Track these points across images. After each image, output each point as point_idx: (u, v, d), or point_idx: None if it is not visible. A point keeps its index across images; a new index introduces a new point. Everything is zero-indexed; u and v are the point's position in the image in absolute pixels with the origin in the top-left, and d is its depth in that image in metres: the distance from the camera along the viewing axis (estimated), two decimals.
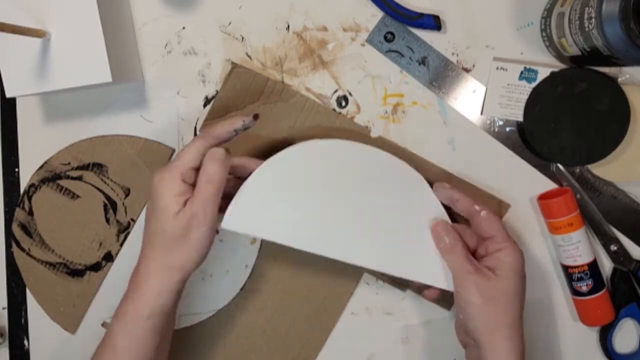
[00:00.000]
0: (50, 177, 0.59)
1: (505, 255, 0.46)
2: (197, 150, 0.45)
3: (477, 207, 0.48)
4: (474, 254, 0.49)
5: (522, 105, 0.52)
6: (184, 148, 0.46)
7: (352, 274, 0.56)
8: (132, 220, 0.58)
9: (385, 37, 0.54)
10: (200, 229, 0.44)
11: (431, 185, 0.50)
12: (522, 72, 0.52)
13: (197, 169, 0.46)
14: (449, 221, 0.49)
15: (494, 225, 0.47)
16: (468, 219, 0.49)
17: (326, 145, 0.50)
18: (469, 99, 0.54)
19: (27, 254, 0.60)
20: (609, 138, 0.50)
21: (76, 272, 0.59)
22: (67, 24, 0.51)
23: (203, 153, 0.45)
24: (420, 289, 0.53)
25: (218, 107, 0.56)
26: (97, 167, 0.58)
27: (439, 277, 0.48)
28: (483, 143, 0.54)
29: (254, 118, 0.47)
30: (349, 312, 0.57)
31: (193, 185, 0.45)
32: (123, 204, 0.58)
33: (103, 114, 0.58)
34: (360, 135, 0.55)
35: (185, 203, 0.44)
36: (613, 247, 0.53)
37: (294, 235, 0.48)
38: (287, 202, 0.48)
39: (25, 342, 0.61)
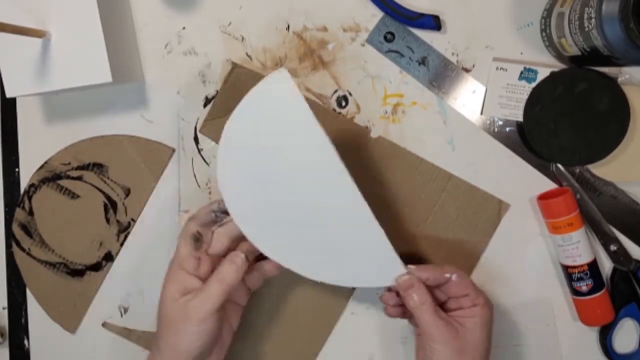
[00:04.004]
0: (51, 177, 0.59)
1: (480, 310, 0.47)
2: (185, 240, 0.49)
3: (447, 275, 0.48)
4: (442, 305, 0.48)
5: (522, 105, 0.52)
6: (179, 238, 0.49)
7: None
8: (132, 220, 0.58)
9: (385, 37, 0.54)
10: (197, 320, 0.46)
11: (404, 259, 0.48)
12: (522, 72, 0.52)
13: (198, 257, 0.49)
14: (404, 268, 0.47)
15: (466, 284, 0.48)
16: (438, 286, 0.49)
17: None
18: (468, 99, 0.54)
19: (27, 254, 0.60)
20: (609, 138, 0.50)
21: (76, 272, 0.59)
22: (68, 24, 0.51)
23: (191, 238, 0.49)
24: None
25: (218, 107, 0.56)
26: (97, 167, 0.58)
27: (377, 276, 0.48)
28: (483, 143, 0.54)
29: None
30: (349, 312, 0.57)
31: (201, 273, 0.48)
32: (123, 204, 0.58)
33: (103, 114, 0.58)
34: (360, 135, 0.55)
35: (188, 291, 0.47)
36: (613, 247, 0.53)
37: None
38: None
39: (25, 342, 0.61)
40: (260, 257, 0.50)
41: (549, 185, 0.54)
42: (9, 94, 0.53)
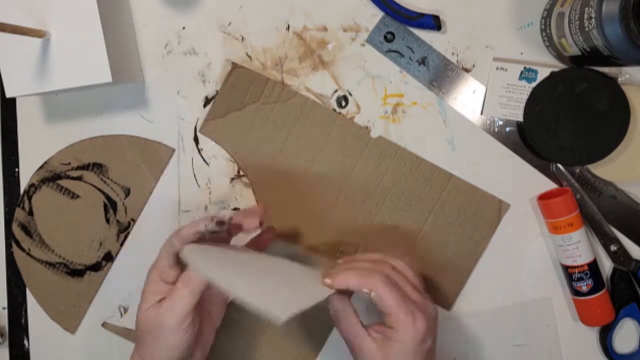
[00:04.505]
0: (51, 177, 0.59)
1: (398, 334, 0.44)
2: (167, 253, 0.47)
3: (365, 290, 0.45)
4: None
5: (522, 105, 0.52)
6: (161, 249, 0.47)
7: None
8: (132, 220, 0.58)
9: (385, 37, 0.54)
10: (169, 326, 0.44)
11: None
12: (522, 72, 0.52)
13: (179, 270, 0.47)
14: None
15: (386, 304, 0.45)
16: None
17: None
18: (468, 99, 0.54)
19: (27, 254, 0.60)
20: (609, 138, 0.50)
21: (76, 272, 0.59)
22: (67, 24, 0.51)
23: (173, 254, 0.46)
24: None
25: (218, 107, 0.56)
26: (97, 167, 0.58)
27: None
28: (483, 143, 0.54)
29: (217, 224, 0.46)
30: None
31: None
32: (123, 204, 0.58)
33: (103, 114, 0.58)
34: (360, 135, 0.55)
35: (160, 300, 0.46)
36: (613, 247, 0.53)
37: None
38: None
39: (25, 342, 0.61)
40: None
41: (549, 185, 0.54)
42: (9, 94, 0.53)
